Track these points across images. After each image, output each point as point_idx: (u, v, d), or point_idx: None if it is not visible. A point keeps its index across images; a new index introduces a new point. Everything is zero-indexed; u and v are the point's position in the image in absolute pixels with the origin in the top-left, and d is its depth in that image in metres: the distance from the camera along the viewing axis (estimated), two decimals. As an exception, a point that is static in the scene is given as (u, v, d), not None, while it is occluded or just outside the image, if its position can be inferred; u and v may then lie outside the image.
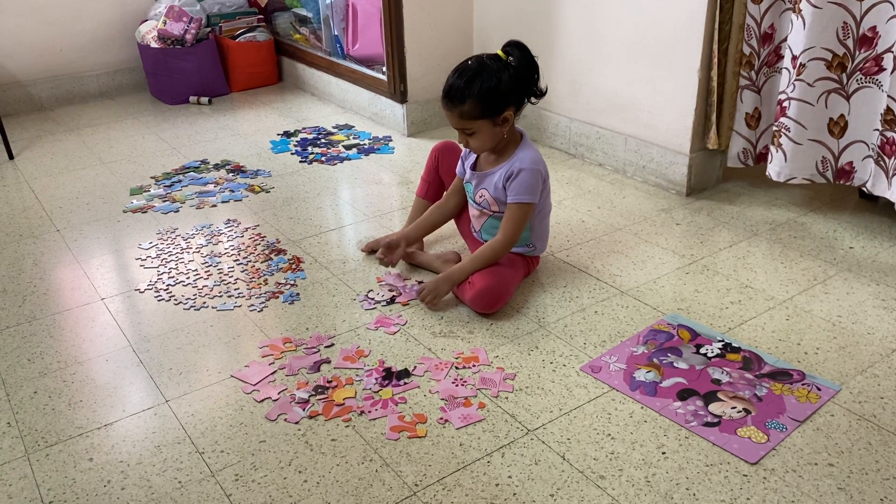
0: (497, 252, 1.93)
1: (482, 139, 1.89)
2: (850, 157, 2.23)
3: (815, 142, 2.25)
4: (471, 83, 1.82)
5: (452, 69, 1.88)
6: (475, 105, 1.83)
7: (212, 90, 3.77)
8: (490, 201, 1.97)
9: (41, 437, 1.55)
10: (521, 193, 1.90)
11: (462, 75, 1.84)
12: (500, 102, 1.84)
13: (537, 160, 1.92)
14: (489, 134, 1.88)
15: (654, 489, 1.38)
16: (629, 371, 1.69)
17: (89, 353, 1.82)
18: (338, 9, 3.54)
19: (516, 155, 1.93)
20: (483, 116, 1.84)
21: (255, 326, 1.91)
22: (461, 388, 1.65)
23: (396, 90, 3.16)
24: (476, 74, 1.82)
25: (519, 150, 1.94)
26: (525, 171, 1.89)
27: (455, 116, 1.86)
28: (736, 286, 2.02)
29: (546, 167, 1.97)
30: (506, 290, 1.92)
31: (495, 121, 1.86)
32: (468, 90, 1.82)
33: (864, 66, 2.12)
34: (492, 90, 1.82)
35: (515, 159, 1.92)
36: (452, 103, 1.85)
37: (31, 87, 3.69)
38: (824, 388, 1.62)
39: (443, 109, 1.90)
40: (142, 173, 2.89)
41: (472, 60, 1.87)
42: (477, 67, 1.83)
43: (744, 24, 2.30)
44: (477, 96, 1.82)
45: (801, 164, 2.29)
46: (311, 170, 2.89)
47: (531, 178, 1.90)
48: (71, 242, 2.37)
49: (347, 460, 1.47)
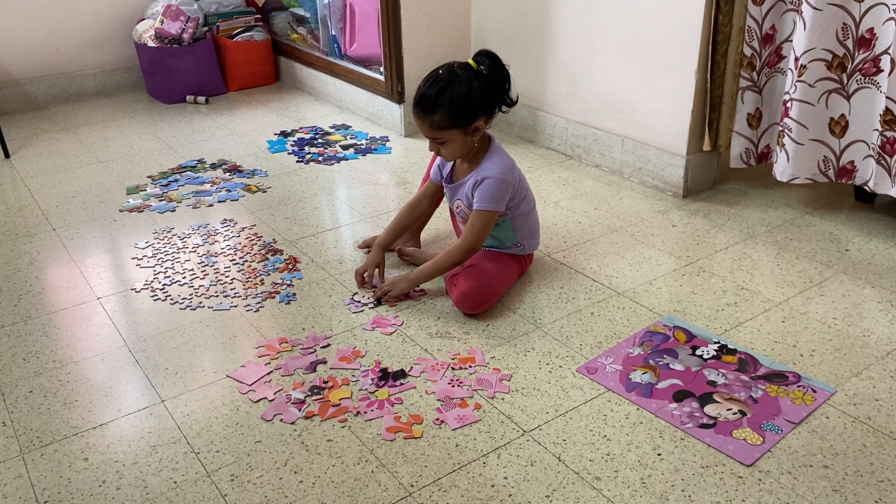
0: (455, 257, 1.91)
1: (453, 148, 1.89)
2: (852, 157, 2.25)
3: (817, 141, 2.26)
4: (442, 93, 1.80)
5: (423, 78, 1.87)
6: (446, 115, 1.81)
7: (209, 89, 3.77)
8: (465, 210, 1.98)
9: (36, 436, 1.55)
10: (484, 201, 1.88)
11: (433, 85, 1.82)
12: (472, 112, 1.83)
13: (504, 168, 1.90)
14: (460, 143, 1.87)
15: (649, 490, 1.38)
16: (625, 372, 1.69)
17: (85, 352, 1.82)
18: (335, 9, 3.54)
19: (483, 164, 1.92)
20: (454, 126, 1.83)
21: (251, 326, 1.90)
22: (457, 388, 1.65)
23: (394, 90, 3.16)
24: (447, 84, 1.81)
25: (486, 159, 1.92)
26: (489, 179, 1.88)
27: (426, 126, 1.85)
28: (732, 288, 2.02)
29: (516, 172, 1.95)
30: (492, 292, 1.92)
31: (466, 130, 1.85)
32: (439, 100, 1.80)
33: (863, 66, 2.13)
34: (463, 100, 1.81)
35: (482, 168, 1.91)
36: (424, 113, 1.83)
37: (27, 86, 3.68)
38: (820, 391, 1.62)
39: (414, 118, 1.88)
40: (138, 172, 2.88)
41: (443, 69, 1.85)
42: (448, 77, 1.82)
43: (744, 27, 2.30)
44: (448, 106, 1.80)
45: (803, 164, 2.30)
46: (307, 170, 2.89)
47: (495, 186, 1.88)
48: (67, 241, 2.36)
49: (343, 461, 1.46)
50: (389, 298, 1.96)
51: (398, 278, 1.98)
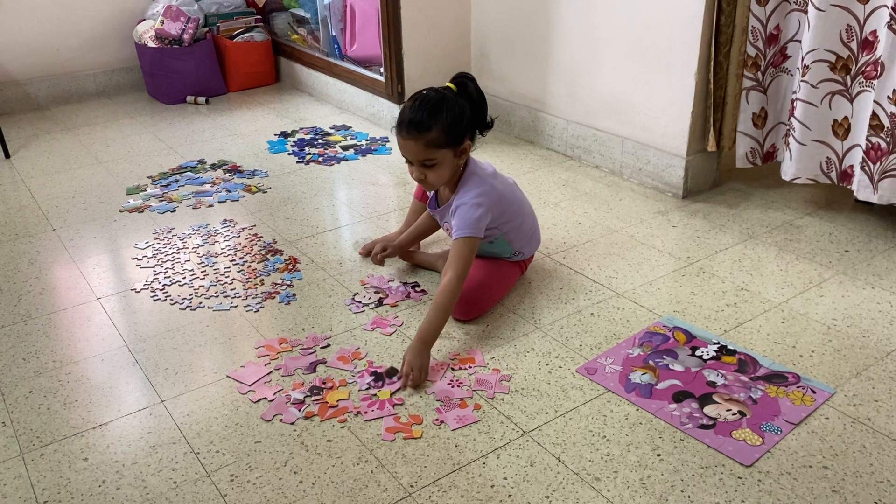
0: (453, 290, 1.80)
1: (441, 171, 1.84)
2: (851, 161, 2.25)
3: (820, 142, 2.26)
4: (436, 112, 1.77)
5: (409, 100, 1.83)
6: (441, 133, 1.77)
7: (209, 90, 3.77)
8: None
9: (36, 436, 1.55)
10: (461, 229, 1.84)
11: (424, 105, 1.78)
12: (462, 132, 1.81)
13: (478, 192, 1.86)
14: (449, 164, 1.84)
15: (648, 491, 1.38)
16: (625, 373, 1.69)
17: (85, 352, 1.82)
18: (336, 9, 3.54)
19: (457, 192, 1.89)
20: (447, 146, 1.80)
21: (251, 327, 1.90)
22: (457, 389, 1.65)
23: (394, 91, 3.16)
24: (440, 103, 1.79)
25: (461, 185, 1.89)
26: (462, 206, 1.85)
27: (420, 146, 1.78)
28: (732, 289, 2.02)
29: (493, 194, 1.88)
30: (486, 297, 1.92)
31: (456, 151, 1.83)
32: (435, 118, 1.77)
33: (865, 69, 2.13)
34: (456, 119, 1.79)
35: (456, 196, 1.88)
36: (419, 132, 1.77)
37: (27, 86, 3.69)
38: (819, 391, 1.62)
39: (403, 141, 1.81)
40: (138, 173, 2.89)
41: (429, 91, 1.83)
42: (438, 97, 1.80)
43: (747, 27, 2.30)
44: (443, 124, 1.77)
45: (806, 165, 2.30)
46: (308, 170, 2.89)
47: (468, 212, 1.83)
48: (67, 242, 2.37)
49: (343, 461, 1.47)
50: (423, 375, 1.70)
51: (416, 356, 1.70)
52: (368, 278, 2.10)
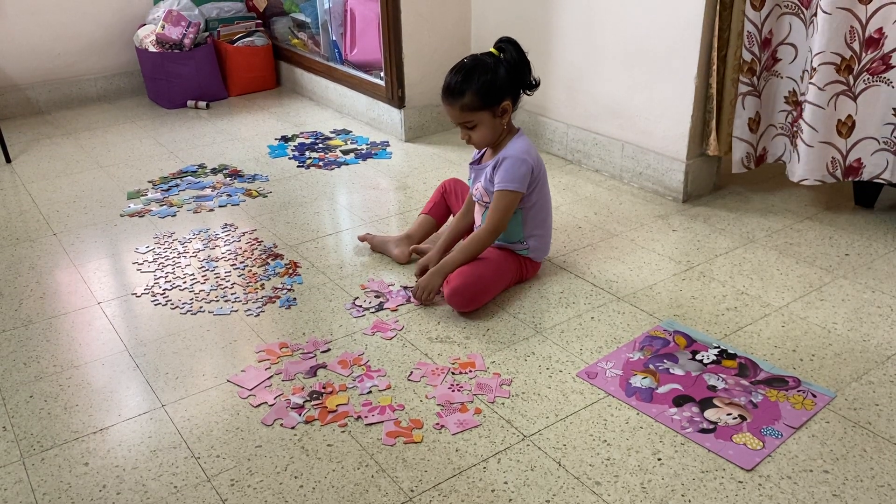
0: (482, 240, 1.96)
1: (483, 132, 1.95)
2: (859, 154, 2.27)
3: (826, 143, 2.28)
4: (469, 77, 1.90)
5: (450, 69, 1.95)
6: (474, 97, 1.90)
7: (210, 94, 3.78)
8: (482, 193, 2.01)
9: (36, 441, 1.55)
10: (505, 181, 1.94)
11: (459, 71, 1.92)
12: (498, 93, 1.91)
13: (525, 150, 1.97)
14: (490, 125, 1.94)
15: (649, 495, 1.38)
16: (625, 377, 1.69)
17: (85, 357, 1.82)
18: (336, 14, 3.54)
19: (506, 147, 1.98)
20: (483, 108, 1.91)
21: (251, 331, 1.91)
22: (457, 393, 1.65)
23: (394, 95, 3.16)
24: (473, 69, 1.91)
25: (510, 142, 1.99)
26: (509, 158, 1.94)
27: (457, 110, 1.93)
28: (732, 293, 2.02)
29: (538, 160, 2.00)
30: (484, 290, 1.94)
31: (495, 111, 1.93)
32: (467, 83, 1.90)
33: (870, 66, 2.16)
34: (489, 81, 1.90)
35: (504, 150, 1.97)
36: (454, 97, 1.92)
37: (28, 91, 3.69)
38: (820, 395, 1.62)
39: (444, 107, 1.96)
40: (139, 177, 2.89)
41: (468, 58, 1.95)
42: (472, 63, 1.92)
43: (742, 32, 2.31)
44: (476, 88, 1.89)
45: (814, 166, 2.31)
46: (308, 174, 2.89)
47: (515, 165, 1.94)
48: (68, 246, 2.37)
49: (343, 466, 1.47)
50: (431, 298, 1.96)
51: (430, 277, 1.96)
52: (369, 282, 2.10)
